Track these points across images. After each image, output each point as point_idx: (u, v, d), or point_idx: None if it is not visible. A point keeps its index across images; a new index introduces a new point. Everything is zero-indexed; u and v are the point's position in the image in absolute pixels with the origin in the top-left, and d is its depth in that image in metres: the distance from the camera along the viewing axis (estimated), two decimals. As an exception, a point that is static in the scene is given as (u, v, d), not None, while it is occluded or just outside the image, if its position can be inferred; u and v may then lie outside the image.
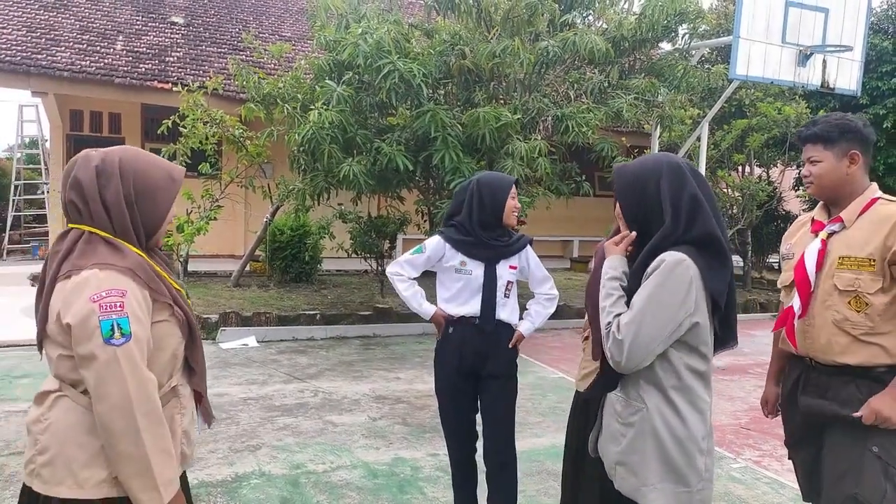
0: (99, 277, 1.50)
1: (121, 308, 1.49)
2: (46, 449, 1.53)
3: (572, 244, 14.48)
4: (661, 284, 1.71)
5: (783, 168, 12.40)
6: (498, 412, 2.87)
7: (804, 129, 2.28)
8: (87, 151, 1.62)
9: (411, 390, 5.51)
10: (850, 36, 9.21)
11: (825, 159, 2.19)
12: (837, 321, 2.11)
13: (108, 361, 1.47)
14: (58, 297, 1.52)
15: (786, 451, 2.48)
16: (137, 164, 1.63)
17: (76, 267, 1.52)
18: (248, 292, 8.80)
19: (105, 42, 11.21)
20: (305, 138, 6.38)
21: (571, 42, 6.95)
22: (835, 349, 2.12)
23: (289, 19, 14.25)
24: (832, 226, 2.19)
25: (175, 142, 8.34)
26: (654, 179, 1.81)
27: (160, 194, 1.66)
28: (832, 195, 2.22)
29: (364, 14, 7.19)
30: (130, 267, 1.55)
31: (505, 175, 3.01)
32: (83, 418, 1.53)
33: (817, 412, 2.18)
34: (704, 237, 1.77)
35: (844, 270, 2.11)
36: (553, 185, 7.95)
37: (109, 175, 1.58)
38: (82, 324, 1.47)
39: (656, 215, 1.80)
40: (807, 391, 2.23)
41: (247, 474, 3.72)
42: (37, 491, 1.53)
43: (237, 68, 8.00)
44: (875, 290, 2.06)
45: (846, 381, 2.12)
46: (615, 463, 1.85)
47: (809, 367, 2.23)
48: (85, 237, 1.57)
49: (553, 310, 3.08)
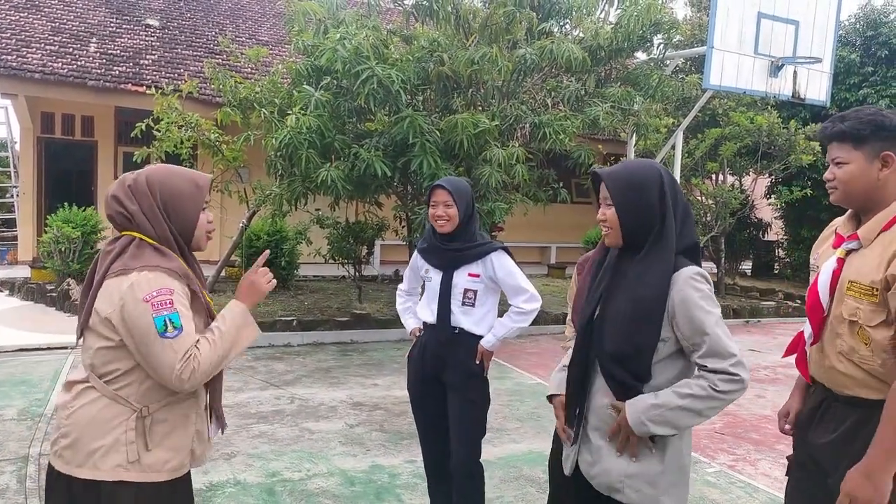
0: (149, 278, 1.66)
1: (171, 305, 1.65)
2: (69, 434, 1.69)
3: (550, 250, 14.57)
4: (710, 303, 1.73)
5: (755, 176, 12.64)
6: (457, 421, 2.85)
7: (829, 124, 1.90)
8: (124, 175, 1.82)
9: (389, 396, 5.49)
10: (819, 48, 9.45)
11: (853, 161, 1.83)
12: (845, 352, 1.84)
13: (163, 353, 1.64)
14: (108, 292, 1.68)
15: (760, 456, 2.40)
16: (162, 176, 1.79)
17: (127, 267, 1.68)
18: (223, 298, 8.68)
19: (78, 44, 11.02)
20: (283, 143, 6.34)
21: (549, 50, 7.02)
22: (848, 382, 1.85)
23: (266, 23, 14.16)
24: (849, 243, 1.87)
25: (149, 145, 8.22)
26: (656, 184, 1.78)
27: (186, 202, 1.80)
28: (861, 203, 1.87)
29: (342, 19, 7.18)
30: (174, 269, 1.72)
31: (452, 178, 2.93)
32: (106, 409, 1.69)
33: (815, 460, 1.95)
34: (693, 246, 1.81)
35: (850, 298, 1.82)
36: (531, 191, 8.00)
37: (142, 192, 1.76)
38: (138, 320, 1.63)
39: (649, 220, 1.78)
40: (821, 426, 1.94)
41: (221, 483, 3.66)
42: (58, 470, 1.70)
43: (213, 72, 7.92)
44: (877, 324, 1.76)
45: (866, 416, 1.81)
46: (624, 477, 1.78)
47: (832, 397, 1.92)
48: (136, 242, 1.74)
49: (525, 324, 2.87)
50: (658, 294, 1.73)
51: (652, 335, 1.73)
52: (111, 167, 11.79)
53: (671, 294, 1.73)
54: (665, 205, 1.77)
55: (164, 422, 1.74)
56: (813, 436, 1.96)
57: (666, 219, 1.77)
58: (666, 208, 1.77)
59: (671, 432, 1.73)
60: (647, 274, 1.75)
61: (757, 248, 15.04)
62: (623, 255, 1.85)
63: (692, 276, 1.74)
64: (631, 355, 1.75)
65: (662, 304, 1.72)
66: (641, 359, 1.74)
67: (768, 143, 11.36)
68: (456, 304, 2.83)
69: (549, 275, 13.05)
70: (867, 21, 13.01)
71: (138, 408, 1.71)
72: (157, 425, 1.73)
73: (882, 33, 12.62)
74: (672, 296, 1.73)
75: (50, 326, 7.28)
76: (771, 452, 4.47)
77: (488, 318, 2.89)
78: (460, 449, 2.83)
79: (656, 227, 1.77)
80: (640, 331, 1.73)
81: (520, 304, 2.84)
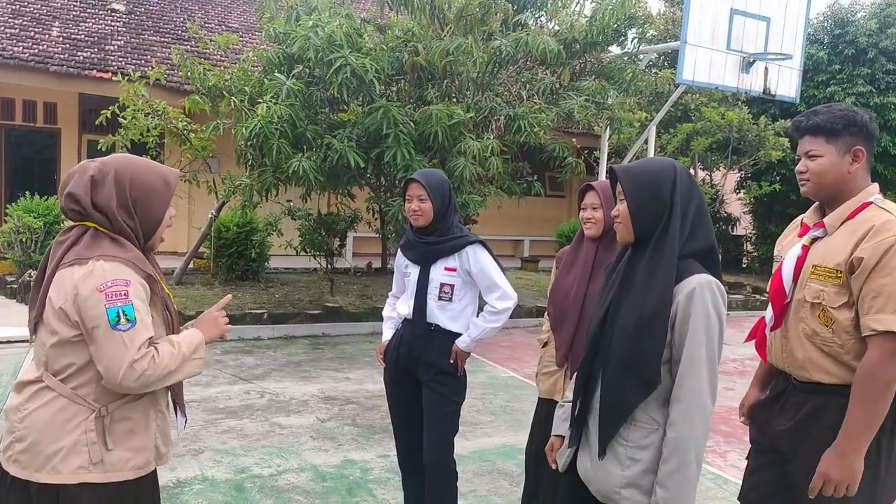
0: (104, 268, 1.60)
1: (125, 296, 1.60)
2: (24, 437, 1.62)
3: (523, 244, 14.59)
4: (712, 324, 1.66)
5: (725, 171, 12.82)
6: (428, 416, 2.82)
7: (803, 118, 1.99)
8: (86, 162, 1.72)
9: (361, 390, 5.43)
10: (789, 44, 9.59)
11: (827, 154, 1.92)
12: (808, 335, 1.93)
13: (113, 344, 1.58)
14: (61, 282, 1.61)
15: (729, 448, 2.43)
16: (132, 170, 1.72)
17: (81, 257, 1.62)
18: (191, 290, 8.52)
19: (40, 27, 10.67)
20: (253, 132, 6.20)
21: (524, 42, 6.98)
22: (808, 366, 1.94)
23: (236, 10, 13.88)
24: (815, 231, 1.98)
25: (114, 133, 8.00)
26: (669, 181, 1.73)
27: (154, 199, 1.74)
28: (830, 195, 1.96)
29: (315, 7, 7.05)
30: (132, 259, 1.66)
31: (427, 171, 2.87)
32: (63, 410, 1.62)
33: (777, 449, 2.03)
34: (707, 249, 1.73)
35: (814, 281, 1.91)
36: (505, 184, 7.98)
37: (109, 185, 1.68)
38: (90, 310, 1.58)
39: (660, 218, 1.72)
40: (782, 413, 2.03)
41: (189, 479, 3.57)
42: (14, 475, 1.62)
43: (181, 59, 7.72)
44: (839, 305, 1.86)
45: (823, 402, 1.91)
46: (623, 486, 1.73)
47: (792, 385, 2.02)
48: (91, 232, 1.67)
49: (499, 324, 2.79)
50: (661, 300, 1.68)
51: (659, 340, 1.68)
52: (75, 155, 11.45)
53: (678, 302, 1.67)
54: (674, 202, 1.71)
55: (124, 420, 1.69)
56: (774, 423, 2.04)
57: (671, 218, 1.71)
58: (674, 206, 1.71)
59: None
60: (652, 279, 1.70)
61: (726, 243, 15.27)
62: (634, 254, 1.80)
63: (700, 287, 1.66)
64: (637, 361, 1.70)
65: (667, 310, 1.68)
66: (647, 365, 1.69)
67: (739, 138, 11.53)
68: (432, 298, 2.79)
69: (522, 268, 13.08)
70: (835, 20, 13.26)
71: (96, 407, 1.65)
72: (116, 424, 1.68)
73: (849, 32, 12.86)
74: (676, 306, 1.67)
75: (10, 319, 7.05)
76: (739, 444, 4.52)
77: (466, 313, 2.84)
78: (431, 446, 2.79)
79: (661, 226, 1.72)
80: (645, 337, 1.69)
81: (493, 301, 2.78)
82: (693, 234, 1.73)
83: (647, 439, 1.71)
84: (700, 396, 1.65)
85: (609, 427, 1.76)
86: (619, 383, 1.73)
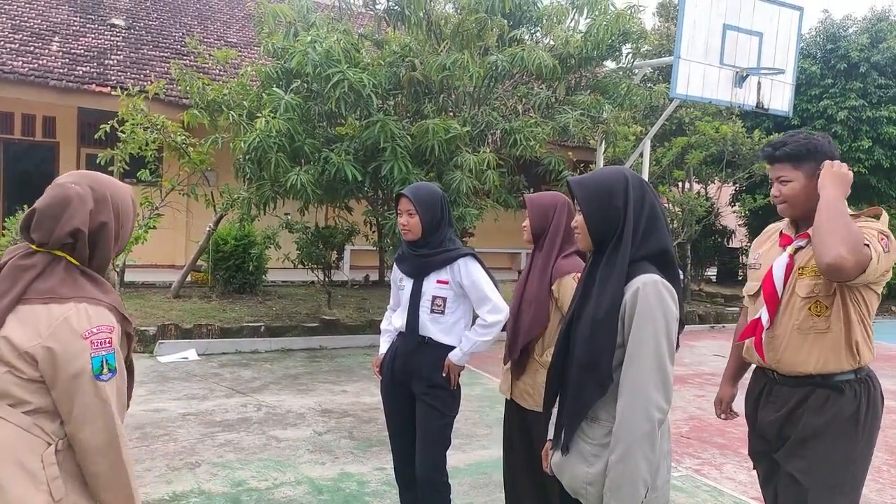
0: (89, 313, 1.50)
1: (109, 344, 1.51)
2: None
3: (520, 256, 14.63)
4: (656, 319, 1.70)
5: (720, 185, 12.89)
6: (420, 430, 2.83)
7: (771, 147, 2.22)
8: (68, 187, 1.56)
9: (358, 403, 5.44)
10: (782, 59, 9.69)
11: (795, 179, 2.16)
12: (798, 327, 2.15)
13: (96, 396, 1.48)
14: (32, 320, 1.47)
15: (725, 460, 2.55)
16: (113, 191, 1.62)
17: (58, 295, 1.49)
18: (188, 303, 8.53)
19: (39, 42, 10.74)
20: (252, 146, 6.25)
21: (520, 57, 7.06)
22: (795, 358, 2.15)
23: (235, 25, 13.99)
24: (799, 241, 2.20)
25: (113, 147, 8.04)
26: (620, 190, 1.80)
27: (129, 223, 1.68)
28: (803, 213, 2.19)
29: (313, 22, 7.13)
30: (114, 304, 1.57)
31: (418, 185, 2.89)
32: (17, 438, 1.46)
33: (770, 435, 2.25)
34: (660, 252, 1.80)
35: (804, 278, 2.13)
36: (501, 197, 8.03)
37: (101, 209, 1.57)
38: (73, 359, 1.46)
39: (615, 225, 1.79)
40: (768, 406, 2.26)
41: (185, 493, 3.57)
42: None
43: (180, 73, 7.78)
44: (829, 293, 2.10)
45: (806, 392, 2.16)
46: (589, 482, 1.80)
47: (773, 380, 2.26)
48: (64, 264, 1.54)
49: (490, 337, 2.78)
50: (612, 302, 1.75)
51: (610, 341, 1.75)
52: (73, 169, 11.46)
53: (625, 302, 1.74)
54: (627, 209, 1.79)
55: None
56: (761, 415, 2.28)
57: (625, 224, 1.78)
58: (627, 213, 1.78)
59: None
60: (605, 284, 1.78)
61: (721, 255, 15.32)
62: (594, 261, 1.88)
63: (644, 286, 1.73)
64: (591, 362, 1.77)
65: (616, 311, 1.74)
66: (600, 365, 1.76)
67: (733, 151, 11.60)
68: (425, 311, 2.81)
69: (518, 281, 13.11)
70: (827, 34, 13.40)
71: (55, 440, 1.50)
72: (69, 462, 1.52)
73: (841, 46, 13.00)
74: (625, 304, 1.74)
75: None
76: (735, 456, 4.53)
77: (458, 326, 2.85)
78: (423, 460, 2.80)
79: (616, 232, 1.79)
80: (597, 339, 1.76)
81: (484, 314, 2.77)
82: (646, 238, 1.79)
83: (609, 437, 1.77)
84: (642, 389, 1.69)
85: (570, 424, 1.84)
86: (577, 384, 1.81)
